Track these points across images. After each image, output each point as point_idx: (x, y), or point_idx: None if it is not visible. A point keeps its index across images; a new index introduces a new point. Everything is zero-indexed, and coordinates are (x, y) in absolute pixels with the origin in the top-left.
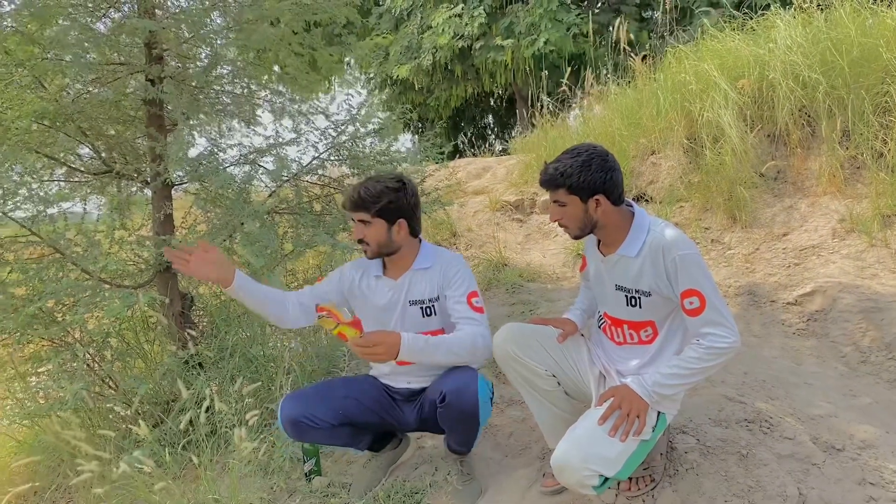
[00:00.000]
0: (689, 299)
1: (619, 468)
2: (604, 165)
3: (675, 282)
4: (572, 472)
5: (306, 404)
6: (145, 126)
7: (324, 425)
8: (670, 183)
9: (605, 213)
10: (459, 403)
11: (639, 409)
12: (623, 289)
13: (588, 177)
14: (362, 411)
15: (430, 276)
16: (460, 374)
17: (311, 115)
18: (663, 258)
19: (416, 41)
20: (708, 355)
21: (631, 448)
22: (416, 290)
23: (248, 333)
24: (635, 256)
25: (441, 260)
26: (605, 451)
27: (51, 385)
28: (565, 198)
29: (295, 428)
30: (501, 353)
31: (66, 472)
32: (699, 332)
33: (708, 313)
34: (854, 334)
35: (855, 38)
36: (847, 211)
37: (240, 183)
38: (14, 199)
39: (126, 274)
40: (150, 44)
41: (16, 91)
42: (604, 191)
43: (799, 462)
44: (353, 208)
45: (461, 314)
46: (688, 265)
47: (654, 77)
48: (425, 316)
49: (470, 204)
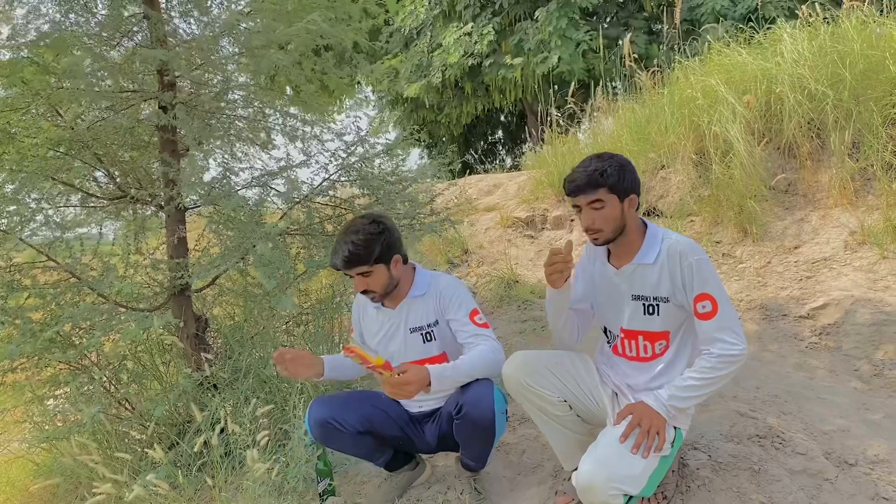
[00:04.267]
0: (703, 303)
1: (643, 486)
2: (633, 170)
3: (690, 286)
4: (598, 492)
5: (335, 408)
6: (159, 151)
7: (350, 430)
8: (680, 197)
9: (632, 216)
10: (476, 414)
11: (658, 425)
12: (641, 297)
13: (626, 176)
14: (387, 423)
15: (425, 302)
16: (477, 386)
17: (322, 137)
18: (680, 263)
19: (426, 60)
20: (721, 363)
21: (653, 465)
22: (414, 317)
23: (262, 354)
24: (653, 263)
25: (435, 284)
26: (628, 469)
27: (68, 408)
28: (606, 196)
29: (322, 429)
30: (514, 383)
31: (83, 495)
32: (710, 338)
33: (720, 317)
34: (867, 348)
35: (861, 51)
36: (858, 223)
37: (252, 205)
38: (31, 224)
39: (141, 297)
40: (162, 71)
41: (32, 119)
42: (637, 192)
43: (811, 477)
44: (350, 266)
45: (469, 333)
46: (703, 270)
47: (662, 92)
48: (426, 342)
49: (481, 221)
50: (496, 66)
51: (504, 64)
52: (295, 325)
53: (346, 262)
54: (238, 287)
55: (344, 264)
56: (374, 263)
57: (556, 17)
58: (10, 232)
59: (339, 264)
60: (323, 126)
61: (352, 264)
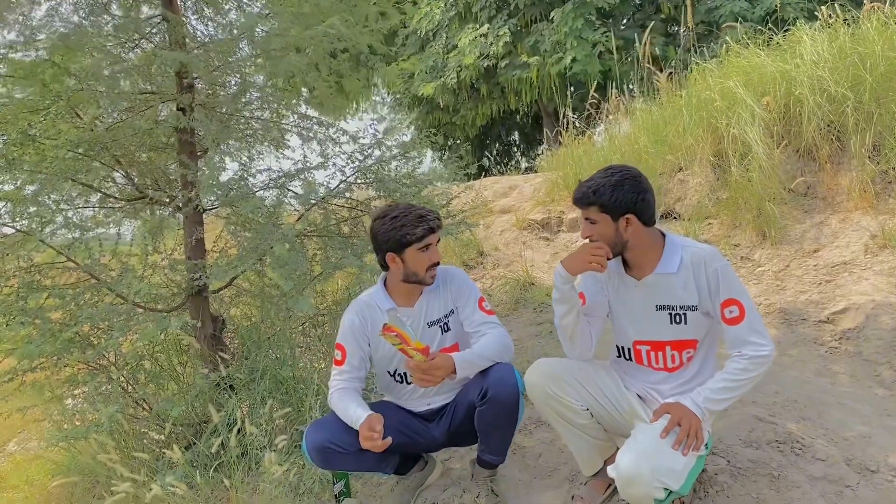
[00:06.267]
0: (730, 308)
1: (682, 482)
2: (636, 186)
3: (716, 293)
4: (642, 483)
5: (331, 430)
6: (177, 153)
7: (350, 449)
8: (698, 200)
9: (635, 233)
10: (503, 394)
11: (697, 425)
12: (666, 307)
13: (620, 196)
14: (388, 432)
15: (439, 294)
16: (499, 369)
17: (339, 139)
18: (705, 270)
19: (441, 61)
20: (752, 365)
21: (691, 463)
22: (432, 311)
23: (278, 355)
24: (676, 273)
25: (445, 276)
26: (672, 463)
27: (87, 408)
28: (597, 216)
29: (321, 454)
30: (539, 392)
31: (101, 494)
32: (740, 341)
33: (748, 321)
34: (889, 352)
35: (882, 52)
36: (879, 226)
37: (269, 207)
38: (51, 225)
39: (159, 298)
40: (180, 73)
41: (51, 121)
42: (634, 211)
43: (832, 484)
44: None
45: (479, 321)
46: (727, 275)
47: (679, 94)
48: (443, 332)
49: (497, 223)
50: (512, 67)
51: (519, 64)
52: (311, 326)
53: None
54: (255, 288)
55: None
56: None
57: (573, 17)
58: (31, 233)
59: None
60: (339, 129)
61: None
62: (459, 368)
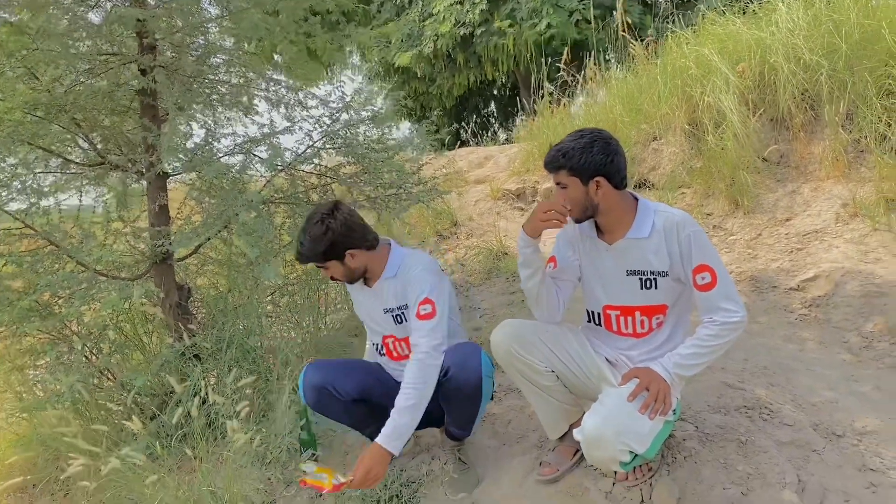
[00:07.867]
0: (702, 274)
1: (647, 446)
2: (606, 149)
3: (688, 258)
4: (607, 445)
5: (331, 374)
6: (139, 116)
7: (345, 397)
8: (672, 169)
9: (605, 196)
10: (462, 377)
11: (665, 390)
12: (637, 272)
13: (589, 158)
14: (382, 392)
15: (395, 284)
16: (462, 349)
17: (307, 103)
18: (677, 235)
19: (417, 29)
20: (723, 331)
21: (658, 427)
22: (387, 298)
23: (246, 325)
24: (647, 237)
25: (405, 267)
26: (637, 426)
27: (48, 378)
28: (566, 179)
29: (317, 395)
30: (503, 351)
31: (63, 466)
32: (711, 307)
33: (720, 288)
34: (857, 320)
35: (857, 20)
36: (850, 195)
37: (234, 173)
38: (7, 191)
39: (122, 266)
40: (141, 33)
41: (7, 82)
42: (605, 173)
43: (799, 449)
44: (303, 263)
45: (414, 328)
46: (700, 241)
47: (655, 62)
48: (396, 323)
49: (471, 193)
50: (488, 35)
51: (496, 32)
52: (280, 295)
53: (298, 258)
54: (222, 256)
55: (298, 260)
56: (325, 261)
57: None
58: None
59: (296, 259)
60: (308, 92)
61: (304, 261)
62: (396, 449)
